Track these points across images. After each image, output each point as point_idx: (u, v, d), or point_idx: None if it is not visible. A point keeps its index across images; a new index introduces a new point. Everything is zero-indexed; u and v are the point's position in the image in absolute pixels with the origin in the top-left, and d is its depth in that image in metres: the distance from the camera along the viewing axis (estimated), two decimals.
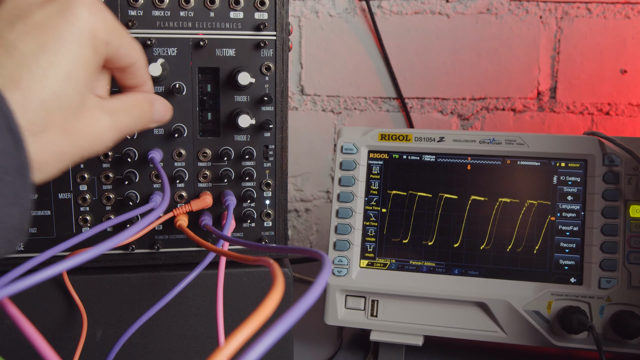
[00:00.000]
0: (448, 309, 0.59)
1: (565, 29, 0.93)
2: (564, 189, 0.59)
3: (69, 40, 0.34)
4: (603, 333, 0.56)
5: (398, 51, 0.95)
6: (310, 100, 0.97)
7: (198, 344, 0.55)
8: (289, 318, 0.24)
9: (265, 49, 0.52)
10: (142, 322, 0.51)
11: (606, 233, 0.57)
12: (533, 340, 0.57)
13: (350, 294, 0.61)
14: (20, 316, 0.31)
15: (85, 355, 0.52)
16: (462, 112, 0.96)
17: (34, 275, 0.29)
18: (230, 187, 0.54)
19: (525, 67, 0.94)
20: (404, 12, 0.94)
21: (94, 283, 0.52)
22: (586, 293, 0.57)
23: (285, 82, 0.53)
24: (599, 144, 0.59)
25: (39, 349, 0.29)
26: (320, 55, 0.96)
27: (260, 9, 0.51)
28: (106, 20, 0.36)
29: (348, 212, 0.62)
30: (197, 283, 0.53)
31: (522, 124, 0.95)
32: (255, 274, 0.55)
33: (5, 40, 0.32)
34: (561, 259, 0.59)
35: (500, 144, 0.60)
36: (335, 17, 0.95)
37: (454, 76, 0.95)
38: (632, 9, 0.91)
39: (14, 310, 0.31)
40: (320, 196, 1.01)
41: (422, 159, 0.62)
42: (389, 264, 0.62)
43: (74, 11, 0.34)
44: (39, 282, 0.29)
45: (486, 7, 0.93)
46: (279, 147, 0.54)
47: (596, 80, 0.93)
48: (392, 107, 0.97)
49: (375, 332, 0.60)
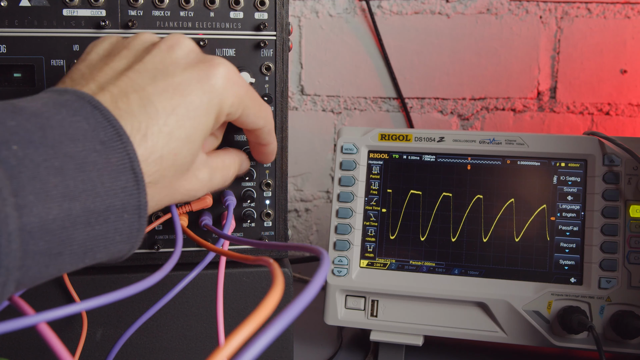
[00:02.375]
0: (448, 309, 0.59)
1: (565, 29, 0.93)
2: (564, 189, 0.59)
3: (198, 108, 0.36)
4: (603, 333, 0.56)
5: (398, 51, 0.95)
6: (310, 100, 0.97)
7: (198, 344, 0.55)
8: (288, 314, 0.24)
9: (265, 49, 0.52)
10: (142, 322, 0.51)
11: (606, 233, 0.57)
12: (533, 340, 0.57)
13: (350, 294, 0.61)
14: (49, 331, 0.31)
15: (85, 355, 0.52)
16: (462, 112, 0.96)
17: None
18: (230, 187, 0.54)
19: (525, 67, 0.94)
20: (404, 12, 0.94)
21: (94, 283, 0.52)
22: (586, 293, 0.57)
23: (285, 82, 0.53)
24: (599, 144, 0.59)
25: (54, 348, 0.29)
26: (320, 55, 0.96)
27: (260, 9, 0.51)
28: (235, 93, 0.39)
29: (348, 212, 0.62)
30: (197, 283, 0.53)
31: (522, 124, 0.95)
32: (255, 274, 0.55)
33: (144, 92, 0.34)
34: (561, 259, 0.59)
35: (500, 144, 0.60)
36: (335, 17, 0.95)
37: (454, 76, 0.95)
38: (632, 9, 0.91)
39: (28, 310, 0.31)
40: (320, 196, 1.01)
41: (422, 159, 0.62)
42: (389, 264, 0.62)
43: (210, 80, 0.37)
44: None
45: (486, 7, 0.93)
46: (279, 147, 0.54)
47: (596, 80, 0.93)
48: (392, 107, 0.97)
49: (375, 332, 0.60)
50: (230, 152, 0.46)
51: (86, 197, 0.29)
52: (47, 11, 0.48)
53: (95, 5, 0.49)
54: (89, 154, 0.29)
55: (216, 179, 0.43)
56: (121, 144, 0.31)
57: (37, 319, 0.28)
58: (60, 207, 0.27)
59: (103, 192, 0.29)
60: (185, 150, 0.36)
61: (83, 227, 0.29)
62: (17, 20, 0.48)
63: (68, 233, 0.28)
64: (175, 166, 0.36)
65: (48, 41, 0.49)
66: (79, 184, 0.28)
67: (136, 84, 0.35)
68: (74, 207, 0.28)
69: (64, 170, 0.28)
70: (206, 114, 0.37)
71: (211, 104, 0.37)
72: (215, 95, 0.37)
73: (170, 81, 0.36)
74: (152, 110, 0.34)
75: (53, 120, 0.29)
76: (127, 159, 0.31)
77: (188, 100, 0.36)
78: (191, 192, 0.40)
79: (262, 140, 0.46)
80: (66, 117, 0.30)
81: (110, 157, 0.30)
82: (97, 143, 0.30)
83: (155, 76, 0.35)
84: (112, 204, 0.30)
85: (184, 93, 0.36)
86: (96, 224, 0.29)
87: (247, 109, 0.40)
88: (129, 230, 0.31)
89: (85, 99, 0.32)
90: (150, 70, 0.36)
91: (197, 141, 0.37)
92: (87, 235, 0.29)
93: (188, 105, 0.36)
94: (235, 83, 0.39)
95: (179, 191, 0.38)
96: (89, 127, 0.30)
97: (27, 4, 0.48)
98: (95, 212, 0.29)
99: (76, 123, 0.30)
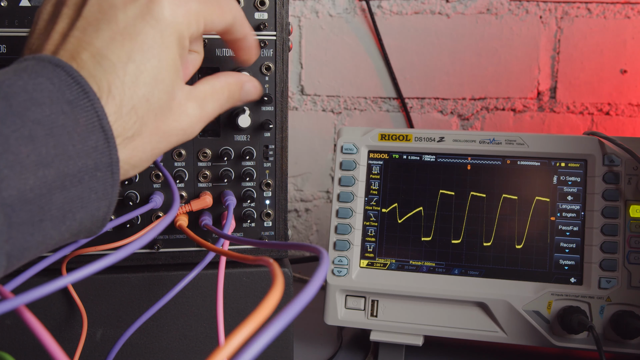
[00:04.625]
0: (448, 309, 0.59)
1: (565, 29, 0.93)
2: (564, 189, 0.59)
3: (154, 46, 0.34)
4: (603, 333, 0.56)
5: (398, 51, 0.95)
6: (310, 100, 0.97)
7: (198, 344, 0.55)
8: (288, 314, 0.24)
9: (265, 49, 0.52)
10: (142, 322, 0.51)
11: (606, 233, 0.57)
12: (533, 340, 0.57)
13: (350, 294, 0.61)
14: (31, 316, 0.31)
15: (85, 355, 0.52)
16: (462, 112, 0.96)
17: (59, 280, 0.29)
18: (230, 187, 0.54)
19: (525, 67, 0.94)
20: (404, 12, 0.94)
21: (94, 283, 0.52)
22: (586, 293, 0.57)
23: (285, 82, 0.53)
24: (599, 144, 0.59)
25: (49, 349, 0.29)
26: (320, 55, 0.96)
27: (260, 9, 0.51)
28: (186, 12, 0.36)
29: (348, 212, 0.62)
30: (197, 283, 0.53)
31: (522, 124, 0.95)
32: (255, 274, 0.55)
33: (93, 48, 0.33)
34: (561, 259, 0.59)
35: (500, 144, 0.60)
36: (335, 17, 0.95)
37: (454, 76, 0.95)
38: (632, 9, 0.91)
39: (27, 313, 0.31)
40: (320, 196, 1.01)
41: (422, 159, 0.62)
42: (389, 264, 0.62)
43: (153, 13, 0.35)
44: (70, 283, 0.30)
45: (486, 7, 0.93)
46: (279, 147, 0.54)
47: (596, 80, 0.93)
48: (392, 107, 0.97)
49: (375, 332, 0.60)
50: (219, 75, 0.42)
51: (59, 162, 0.29)
52: None
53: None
54: (57, 117, 0.29)
55: (209, 107, 0.40)
56: (88, 101, 0.30)
57: (17, 302, 0.28)
58: (35, 176, 0.28)
59: (75, 155, 0.29)
60: (157, 91, 0.35)
61: (59, 191, 0.29)
62: (17, 20, 0.48)
63: (46, 199, 0.28)
64: (153, 110, 0.35)
65: None
66: (50, 149, 0.28)
67: (84, 42, 0.33)
68: (48, 173, 0.28)
69: (35, 138, 0.28)
70: (165, 48, 0.35)
71: (165, 36, 0.35)
72: (165, 25, 0.35)
73: (114, 27, 0.34)
74: (107, 64, 0.33)
75: (15, 87, 0.29)
76: (95, 117, 0.30)
77: (139, 41, 0.34)
78: (186, 130, 0.38)
79: (238, 33, 0.42)
80: (28, 82, 0.29)
81: (79, 117, 0.30)
82: (64, 104, 0.30)
83: (98, 27, 0.34)
84: (85, 164, 0.30)
85: (132, 35, 0.34)
86: (71, 187, 0.30)
87: (207, 16, 0.38)
88: (104, 187, 0.31)
89: (45, 59, 0.31)
90: (92, 23, 0.34)
91: (168, 77, 0.35)
92: (64, 198, 0.29)
93: (142, 47, 0.34)
94: (182, 1, 0.36)
95: (171, 133, 0.37)
96: (53, 88, 0.30)
97: (27, 4, 0.48)
98: (69, 175, 0.29)
99: (40, 85, 0.29)
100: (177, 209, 0.42)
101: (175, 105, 0.37)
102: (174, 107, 0.37)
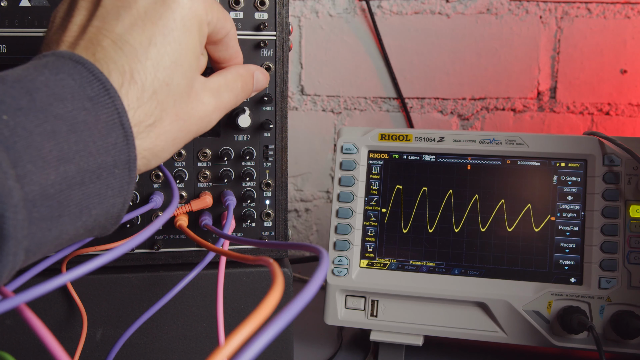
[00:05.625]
0: (448, 309, 0.59)
1: (565, 29, 0.93)
2: (564, 189, 0.59)
3: (174, 29, 0.35)
4: (603, 333, 0.56)
5: (398, 51, 0.95)
6: (310, 100, 0.97)
7: (198, 344, 0.55)
8: (288, 314, 0.24)
9: (265, 49, 0.52)
10: (142, 322, 0.51)
11: (606, 233, 0.57)
12: (533, 340, 0.57)
13: (350, 294, 0.61)
14: (32, 315, 0.31)
15: (85, 355, 0.52)
16: (462, 112, 0.96)
17: (62, 276, 0.29)
18: (230, 187, 0.54)
19: (525, 67, 0.94)
20: (404, 12, 0.94)
21: (94, 283, 0.52)
22: (586, 293, 0.57)
23: (285, 82, 0.53)
24: (599, 144, 0.59)
25: (49, 348, 0.29)
26: (320, 55, 0.96)
27: (260, 9, 0.51)
28: (204, 1, 0.36)
29: (348, 212, 0.62)
30: (197, 283, 0.53)
31: (522, 124, 0.95)
32: (255, 274, 0.55)
33: (114, 34, 0.33)
34: (561, 259, 0.59)
35: (500, 144, 0.60)
36: (335, 17, 0.95)
37: (454, 76, 0.95)
38: (632, 9, 0.91)
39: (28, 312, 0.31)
40: (320, 196, 1.01)
41: (422, 159, 0.62)
42: (389, 264, 0.62)
43: None
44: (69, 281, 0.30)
45: (486, 7, 0.93)
46: (279, 147, 0.54)
47: (596, 80, 0.93)
48: (392, 107, 0.97)
49: (375, 332, 0.60)
50: (230, 67, 0.43)
51: (80, 158, 0.29)
52: (47, 11, 0.48)
53: None
54: (78, 113, 0.29)
55: (224, 97, 0.40)
56: (109, 98, 0.31)
57: (18, 300, 0.28)
58: (56, 171, 0.28)
59: (95, 151, 0.30)
60: (178, 75, 0.35)
61: (78, 187, 0.29)
62: (17, 20, 0.48)
63: (65, 195, 0.28)
64: (172, 95, 0.35)
65: None
66: (72, 145, 0.29)
67: (104, 29, 0.34)
68: (69, 169, 0.28)
69: (57, 133, 0.28)
70: (185, 31, 0.35)
71: (186, 20, 0.35)
72: (186, 9, 0.35)
73: (134, 12, 0.34)
74: (129, 49, 0.33)
75: (38, 82, 0.29)
76: (115, 114, 0.31)
77: (161, 25, 0.34)
78: (204, 119, 0.38)
79: (231, 48, 0.42)
80: (50, 77, 0.29)
81: (100, 114, 0.30)
82: (85, 100, 0.30)
83: (118, 14, 0.34)
84: (104, 161, 0.30)
85: (153, 20, 0.34)
86: (90, 183, 0.30)
87: (217, 12, 0.38)
88: (120, 184, 0.31)
89: (65, 56, 0.31)
90: (111, 11, 0.34)
91: (187, 62, 0.36)
92: (83, 194, 0.29)
93: (163, 31, 0.34)
94: None
95: (190, 121, 0.37)
96: (75, 84, 0.30)
97: (27, 4, 0.48)
98: (88, 171, 0.29)
99: (61, 81, 0.30)
100: (176, 204, 0.42)
101: (193, 93, 0.37)
102: (192, 94, 0.37)
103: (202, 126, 0.39)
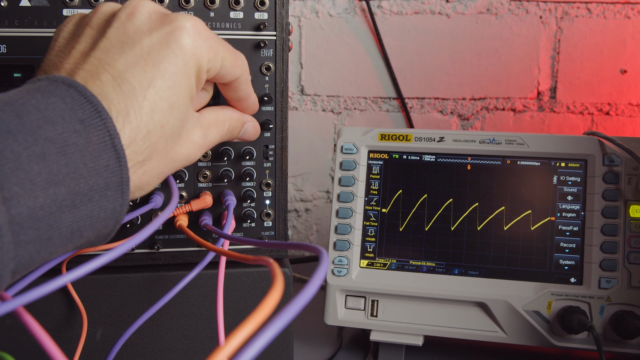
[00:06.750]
0: (448, 309, 0.59)
1: (565, 29, 0.93)
2: (564, 189, 0.59)
3: (175, 74, 0.35)
4: (603, 333, 0.56)
5: (398, 51, 0.95)
6: (310, 100, 0.97)
7: (198, 344, 0.55)
8: (288, 313, 0.24)
9: (265, 49, 0.52)
10: (142, 322, 0.51)
11: (606, 233, 0.57)
12: (533, 340, 0.57)
13: (350, 294, 0.61)
14: (29, 317, 0.31)
15: (85, 355, 0.52)
16: (462, 112, 0.96)
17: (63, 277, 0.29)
18: (230, 187, 0.54)
19: (525, 67, 0.94)
20: (404, 12, 0.94)
21: (94, 283, 0.52)
22: (586, 293, 0.57)
23: (285, 82, 0.53)
24: (599, 144, 0.59)
25: (47, 350, 0.29)
26: (320, 55, 0.96)
27: (260, 9, 0.51)
28: (208, 47, 0.37)
29: (348, 212, 0.62)
30: (197, 283, 0.53)
31: (522, 124, 0.95)
32: (255, 274, 0.55)
33: (115, 70, 0.33)
34: (561, 259, 0.59)
35: (500, 144, 0.60)
36: (335, 17, 0.95)
37: (454, 76, 0.95)
38: (632, 9, 0.91)
39: (24, 313, 0.31)
40: (320, 196, 1.01)
41: (422, 159, 0.62)
42: (389, 264, 0.62)
43: (179, 42, 0.35)
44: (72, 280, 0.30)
45: (486, 7, 0.93)
46: (279, 147, 0.54)
47: (596, 80, 0.93)
48: (392, 107, 0.97)
49: (375, 332, 0.60)
50: (225, 107, 0.44)
51: (70, 180, 0.29)
52: (47, 11, 0.48)
53: (95, 6, 0.49)
54: (69, 136, 0.29)
55: (210, 136, 0.41)
56: (100, 120, 0.31)
57: (17, 303, 0.28)
58: (45, 194, 0.28)
59: (86, 173, 0.29)
60: (172, 119, 0.35)
61: (69, 210, 0.29)
62: (17, 20, 0.48)
63: (55, 217, 0.28)
64: (165, 137, 0.35)
65: (48, 41, 0.49)
66: (62, 167, 0.28)
67: (105, 62, 0.34)
68: (59, 191, 0.28)
69: (46, 156, 0.28)
70: (185, 77, 0.36)
71: (187, 66, 0.36)
72: (189, 55, 0.36)
73: (137, 50, 0.34)
74: (128, 88, 0.33)
75: (28, 106, 0.29)
76: (107, 136, 0.31)
77: (162, 68, 0.34)
78: (190, 156, 0.39)
79: (240, 91, 0.43)
80: (41, 101, 0.29)
81: (91, 136, 0.30)
82: (76, 122, 0.30)
83: (122, 50, 0.34)
84: (95, 183, 0.30)
85: (155, 62, 0.34)
86: (81, 205, 0.29)
87: (224, 59, 0.39)
88: (113, 206, 0.31)
89: (58, 80, 0.31)
90: (115, 45, 0.34)
91: (182, 106, 0.36)
92: (74, 216, 0.29)
93: (163, 74, 0.34)
94: (206, 37, 0.37)
95: (177, 158, 0.38)
96: (66, 107, 0.30)
97: (27, 4, 0.48)
98: (80, 193, 0.29)
99: (53, 104, 0.29)
100: (175, 203, 0.42)
101: (184, 132, 0.38)
102: (183, 134, 0.38)
103: (186, 162, 0.39)
